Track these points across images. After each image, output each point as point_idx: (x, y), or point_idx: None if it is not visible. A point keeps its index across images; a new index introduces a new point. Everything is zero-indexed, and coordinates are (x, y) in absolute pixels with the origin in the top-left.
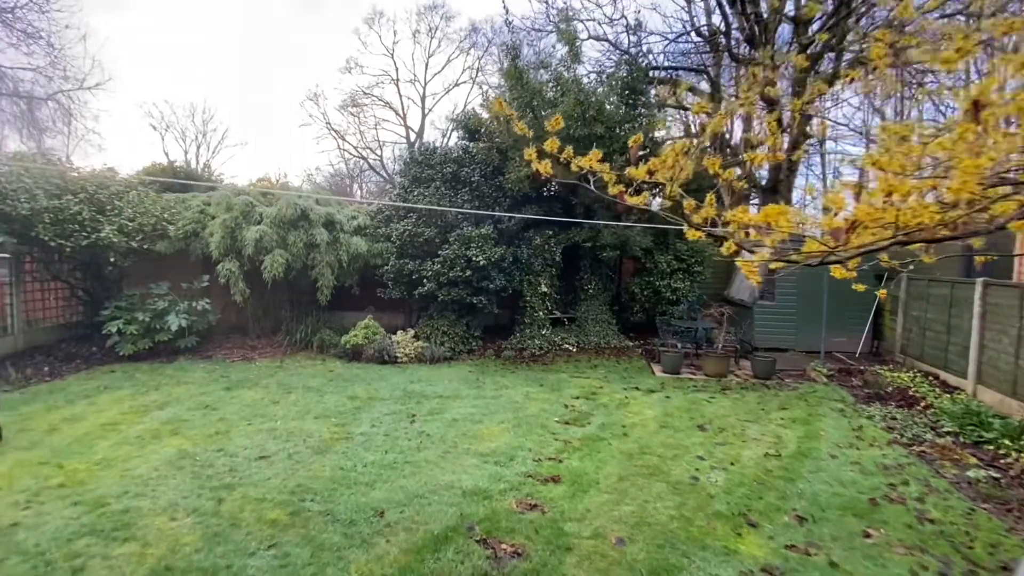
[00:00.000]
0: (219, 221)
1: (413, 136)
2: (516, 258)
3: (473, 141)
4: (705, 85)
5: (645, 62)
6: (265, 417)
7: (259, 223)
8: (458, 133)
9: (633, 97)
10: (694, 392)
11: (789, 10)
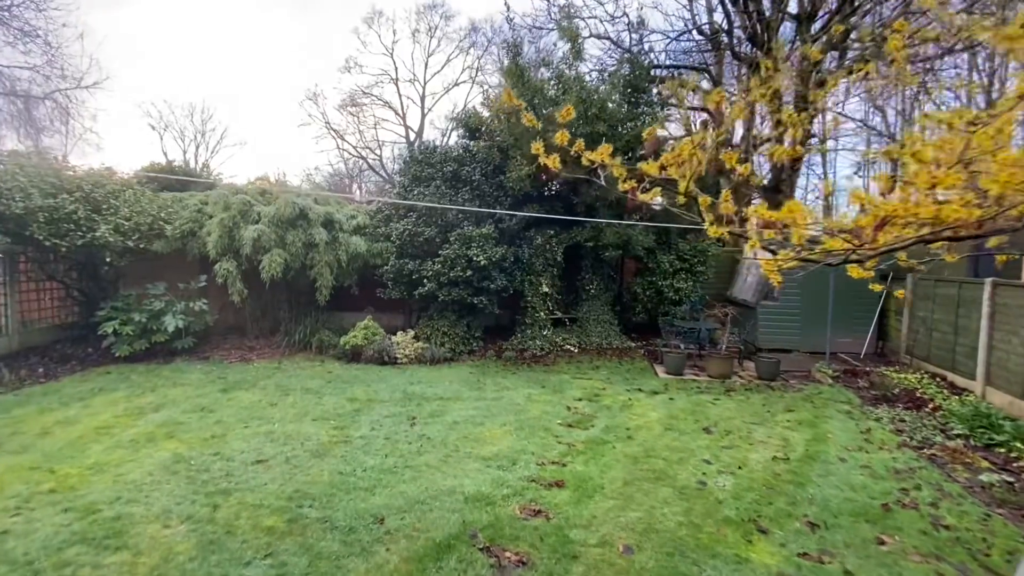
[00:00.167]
0: (216, 220)
1: (412, 136)
2: (517, 258)
3: (474, 140)
4: (706, 84)
5: (647, 60)
6: (262, 420)
7: (257, 222)
8: (459, 132)
9: (635, 95)
10: (698, 394)
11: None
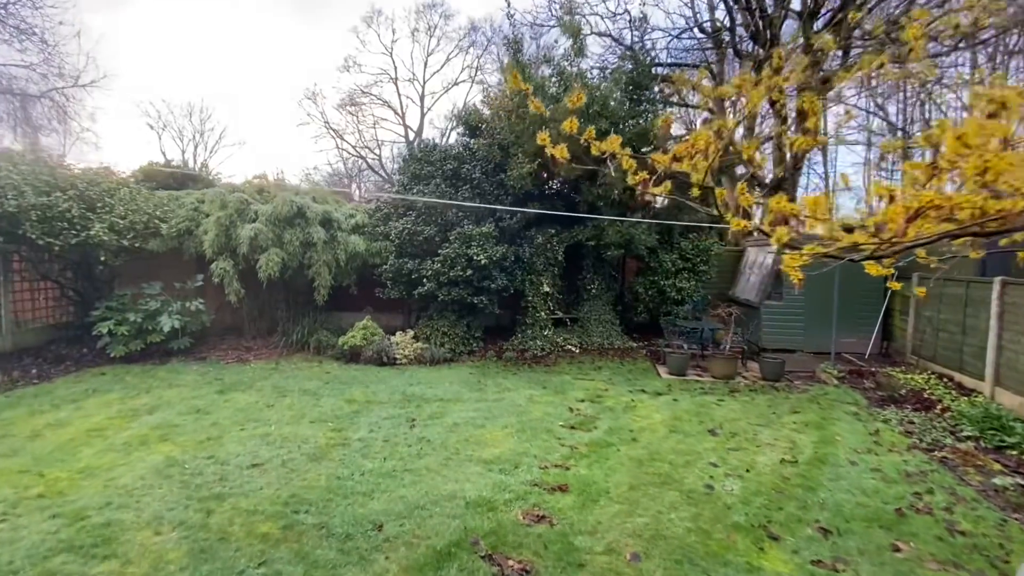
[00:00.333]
0: (213, 219)
1: (412, 135)
2: (518, 257)
3: (474, 137)
4: (707, 82)
5: (649, 58)
6: (259, 422)
7: (254, 221)
8: (459, 130)
9: (637, 92)
10: (702, 395)
11: (795, 5)
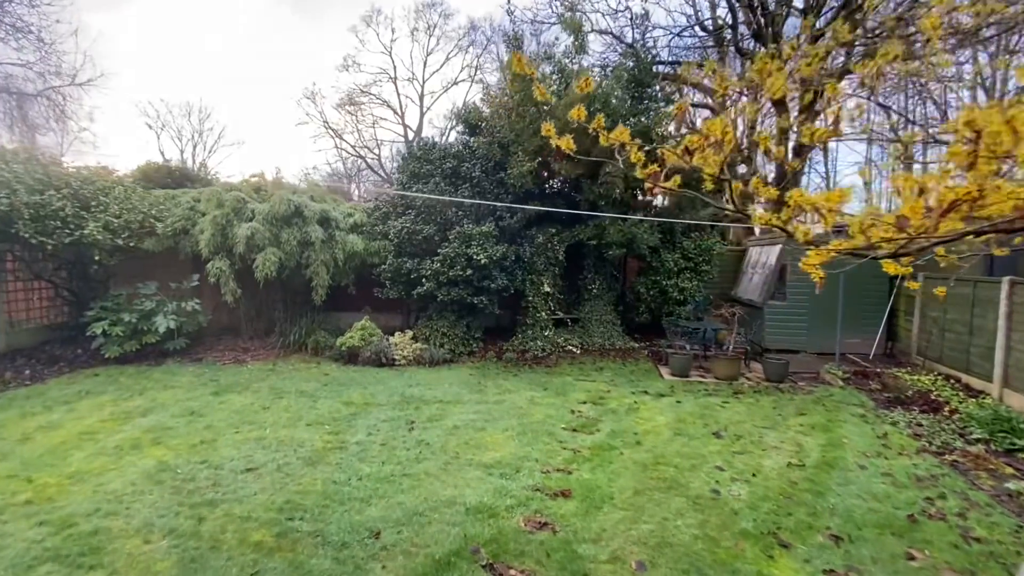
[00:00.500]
0: (209, 218)
1: (411, 135)
2: (518, 257)
3: (474, 136)
4: (708, 82)
5: (650, 56)
6: (254, 424)
7: (251, 220)
8: (458, 128)
9: (639, 90)
10: (706, 396)
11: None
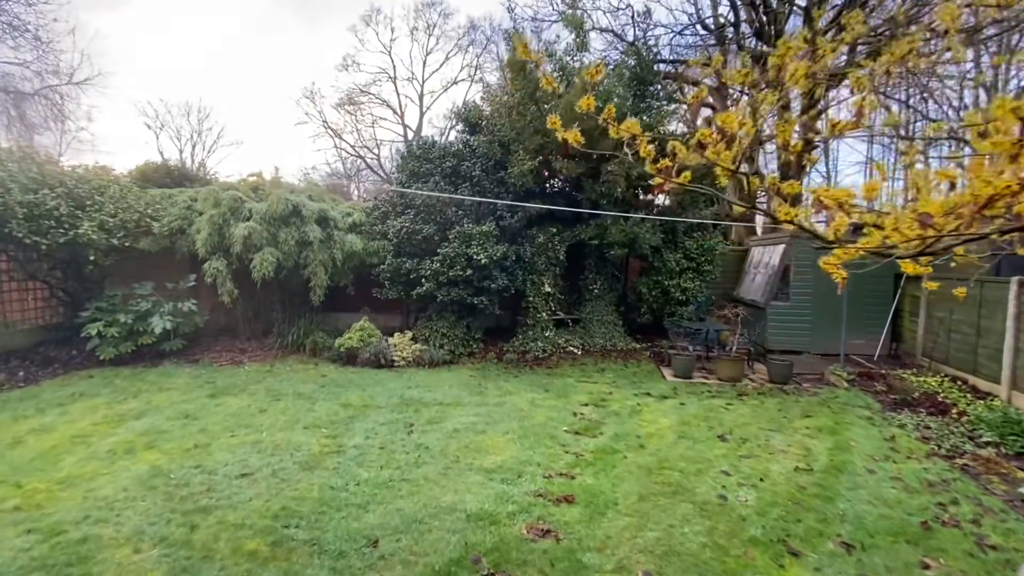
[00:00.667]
0: (206, 217)
1: (411, 135)
2: (519, 256)
3: (474, 134)
4: (710, 80)
5: (652, 54)
6: (250, 428)
7: (248, 219)
8: (458, 127)
9: (641, 88)
10: (709, 398)
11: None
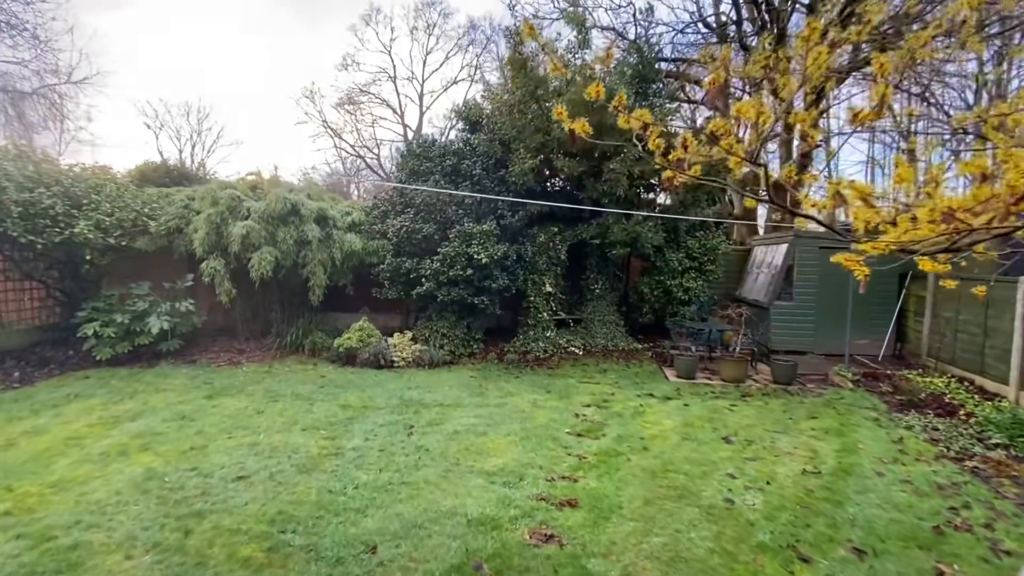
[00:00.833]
0: (203, 216)
1: (411, 134)
2: (520, 256)
3: (474, 133)
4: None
5: (653, 53)
6: (248, 429)
7: (246, 218)
8: (458, 126)
9: (643, 86)
10: (713, 399)
11: None
